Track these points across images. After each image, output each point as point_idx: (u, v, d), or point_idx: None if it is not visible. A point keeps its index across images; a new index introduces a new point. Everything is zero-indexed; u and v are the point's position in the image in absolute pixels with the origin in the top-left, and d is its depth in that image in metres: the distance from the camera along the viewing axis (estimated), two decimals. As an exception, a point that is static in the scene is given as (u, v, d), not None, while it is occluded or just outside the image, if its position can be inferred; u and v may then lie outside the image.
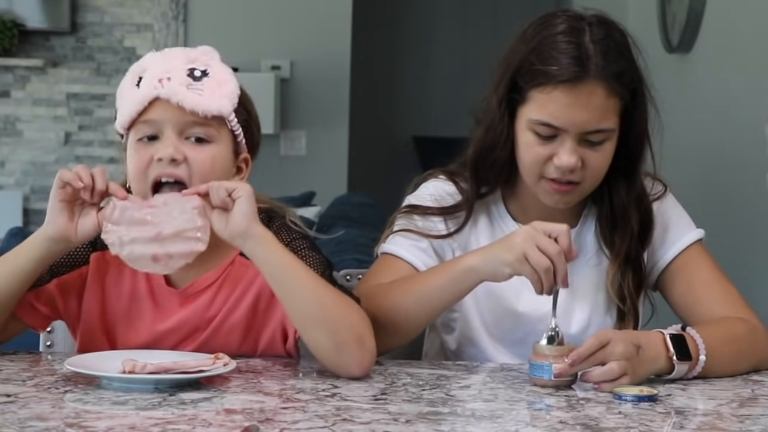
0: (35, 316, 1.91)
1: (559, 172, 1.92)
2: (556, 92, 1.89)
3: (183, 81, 1.81)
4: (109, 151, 6.30)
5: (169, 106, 1.81)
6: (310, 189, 5.42)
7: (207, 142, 1.83)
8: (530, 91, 1.92)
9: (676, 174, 3.55)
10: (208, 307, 1.88)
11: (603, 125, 1.91)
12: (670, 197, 2.10)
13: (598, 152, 1.93)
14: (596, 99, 1.89)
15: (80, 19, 6.31)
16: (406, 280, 1.94)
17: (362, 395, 1.68)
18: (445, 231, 2.02)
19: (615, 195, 2.01)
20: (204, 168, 1.82)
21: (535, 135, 1.92)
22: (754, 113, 3.64)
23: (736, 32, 3.93)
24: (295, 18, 6.01)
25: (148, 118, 1.82)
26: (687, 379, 1.83)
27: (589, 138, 1.91)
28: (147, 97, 1.81)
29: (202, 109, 1.81)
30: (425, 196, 2.05)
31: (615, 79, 1.90)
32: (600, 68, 1.88)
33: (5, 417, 1.49)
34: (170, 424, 1.49)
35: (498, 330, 2.02)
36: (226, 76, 1.85)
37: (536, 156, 1.93)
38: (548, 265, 1.77)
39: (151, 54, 1.88)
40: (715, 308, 1.98)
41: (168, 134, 1.81)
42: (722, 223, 3.87)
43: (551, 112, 1.90)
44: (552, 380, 1.75)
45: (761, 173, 3.52)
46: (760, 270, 3.51)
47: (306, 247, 1.89)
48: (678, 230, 2.06)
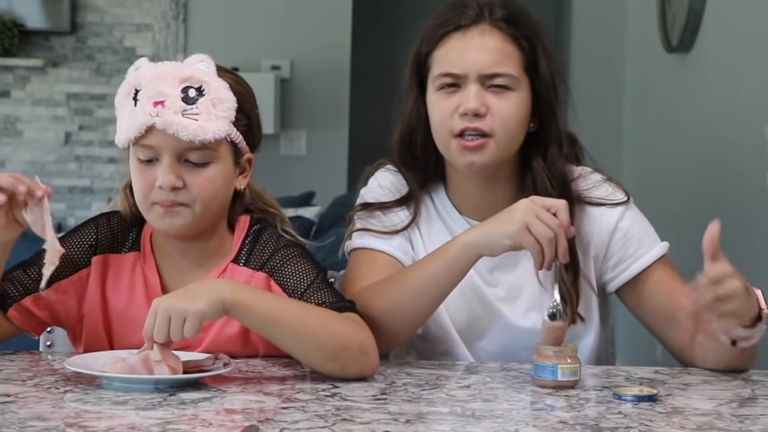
0: (31, 322, 1.92)
1: (465, 120, 1.94)
2: (452, 41, 1.97)
3: (177, 107, 1.80)
4: (109, 151, 6.30)
5: (166, 134, 1.81)
6: (310, 189, 5.42)
7: (206, 164, 1.84)
8: (432, 54, 1.99)
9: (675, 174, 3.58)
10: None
11: (501, 69, 1.95)
12: (634, 209, 2.06)
13: (502, 100, 1.95)
14: (491, 41, 1.96)
15: (80, 19, 6.31)
16: (400, 274, 1.93)
17: (362, 395, 1.68)
18: (407, 219, 2.04)
19: (538, 183, 2.00)
20: (204, 191, 1.85)
21: (440, 92, 1.97)
22: (754, 113, 3.65)
23: (735, 32, 3.93)
24: (295, 18, 6.02)
25: (145, 143, 1.83)
26: (690, 374, 1.83)
27: (491, 83, 1.94)
28: (143, 125, 1.81)
29: (198, 138, 1.81)
30: (375, 189, 2.09)
31: (507, 23, 1.97)
32: (494, 14, 1.97)
33: (5, 417, 1.49)
34: (170, 424, 1.49)
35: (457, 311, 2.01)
36: (222, 92, 1.84)
37: (443, 111, 1.96)
38: (551, 235, 1.77)
39: (146, 63, 1.87)
40: (685, 321, 1.96)
41: (166, 161, 1.82)
42: (722, 223, 3.88)
43: (450, 60, 1.97)
44: (555, 381, 1.75)
45: (761, 173, 3.52)
46: (760, 270, 3.51)
47: (296, 255, 1.90)
48: (642, 246, 2.02)
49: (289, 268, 1.88)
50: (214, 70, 1.86)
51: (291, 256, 1.89)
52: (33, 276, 1.89)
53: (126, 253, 1.94)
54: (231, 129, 1.85)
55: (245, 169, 1.93)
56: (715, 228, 1.75)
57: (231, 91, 1.85)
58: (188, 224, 1.85)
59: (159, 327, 1.67)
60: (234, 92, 1.86)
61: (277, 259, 1.89)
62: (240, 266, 1.91)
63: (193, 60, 1.86)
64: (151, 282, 1.91)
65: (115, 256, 1.93)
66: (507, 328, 2.00)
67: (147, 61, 1.88)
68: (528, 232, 1.78)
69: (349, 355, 1.75)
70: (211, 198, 1.85)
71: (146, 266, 1.92)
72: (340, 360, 1.75)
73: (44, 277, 1.79)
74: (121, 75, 1.92)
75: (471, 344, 2.02)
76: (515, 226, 1.79)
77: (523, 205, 1.81)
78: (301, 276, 1.87)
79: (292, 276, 1.87)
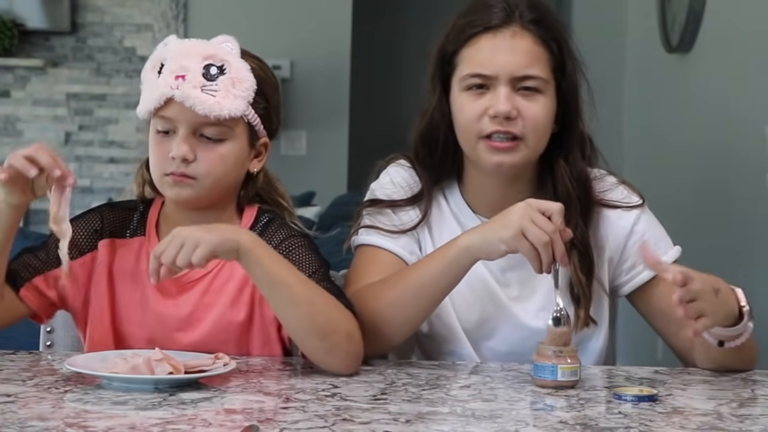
0: (42, 302, 1.94)
1: (496, 122, 1.93)
2: (481, 41, 1.95)
3: (197, 82, 1.86)
4: (109, 151, 6.30)
5: (183, 107, 1.86)
6: (310, 189, 5.42)
7: (220, 140, 1.89)
8: (459, 53, 1.97)
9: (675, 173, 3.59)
10: (203, 295, 1.92)
11: (532, 71, 1.93)
12: (649, 213, 2.07)
13: (532, 102, 1.94)
14: (523, 43, 1.94)
15: (80, 19, 6.31)
16: (398, 276, 1.93)
17: (362, 395, 1.68)
18: (416, 218, 2.03)
19: (559, 183, 2.00)
20: (214, 167, 1.89)
21: (468, 92, 1.95)
22: (754, 113, 3.65)
23: (735, 32, 3.93)
24: (295, 18, 6.02)
25: (164, 115, 1.89)
26: (687, 375, 1.83)
27: (522, 85, 1.93)
28: (163, 96, 1.87)
29: (214, 113, 1.86)
30: (387, 185, 2.06)
31: (538, 24, 1.95)
32: (525, 15, 1.95)
33: (5, 417, 1.50)
34: (170, 424, 1.49)
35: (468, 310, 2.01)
36: (243, 73, 1.90)
37: (471, 113, 1.94)
38: (547, 240, 1.77)
39: (174, 40, 1.93)
40: None
41: (182, 132, 1.88)
42: (722, 223, 3.88)
43: (479, 61, 1.94)
44: (555, 381, 1.75)
45: (761, 173, 3.52)
46: (760, 270, 3.51)
47: (301, 245, 1.92)
48: (659, 248, 2.02)
49: (294, 257, 1.90)
50: (238, 52, 1.92)
51: (297, 246, 1.92)
52: (41, 258, 1.94)
53: (130, 237, 1.97)
54: (248, 110, 1.90)
55: (261, 153, 1.97)
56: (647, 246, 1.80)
57: (252, 74, 1.91)
58: (194, 197, 1.90)
59: (170, 249, 1.73)
60: (255, 75, 1.91)
61: (283, 248, 1.91)
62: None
63: (219, 40, 1.92)
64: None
65: (120, 241, 1.97)
66: (518, 327, 2.00)
67: (176, 38, 1.94)
68: (523, 237, 1.78)
69: (337, 339, 1.79)
70: (221, 174, 1.90)
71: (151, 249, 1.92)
72: (329, 341, 1.78)
73: (64, 261, 1.82)
74: (121, 75, 1.96)
75: (480, 343, 2.02)
76: (510, 231, 1.79)
77: (519, 209, 1.80)
78: (304, 266, 1.89)
79: (296, 265, 1.89)
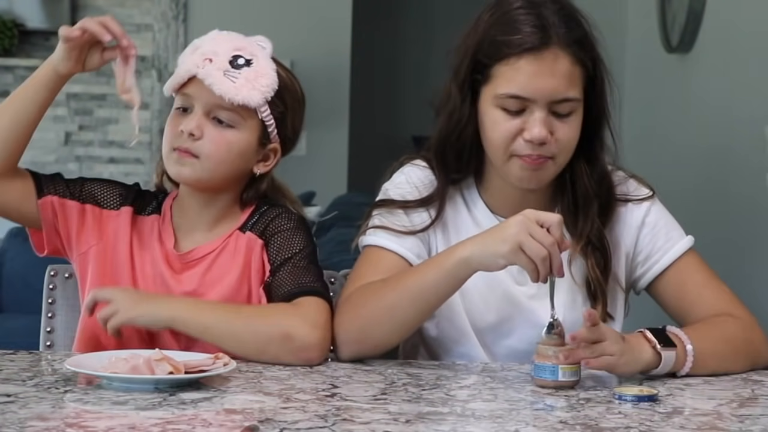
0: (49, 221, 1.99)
1: (529, 146, 1.91)
2: (521, 62, 1.89)
3: (222, 67, 1.93)
4: (109, 151, 6.30)
5: (203, 86, 1.93)
6: (310, 189, 5.42)
7: (230, 126, 1.95)
8: (494, 67, 1.92)
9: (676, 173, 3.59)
10: (206, 273, 1.98)
11: (570, 94, 1.91)
12: (659, 204, 2.08)
13: (566, 124, 1.92)
14: (562, 66, 1.90)
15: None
16: (399, 278, 1.91)
17: (362, 395, 1.68)
18: (428, 220, 2.01)
19: (578, 181, 2.00)
20: (218, 149, 1.94)
21: (503, 111, 1.92)
22: (754, 113, 3.64)
23: (735, 32, 3.93)
24: (295, 18, 6.02)
25: (185, 92, 1.97)
26: (685, 376, 1.84)
27: (557, 109, 1.91)
28: (188, 73, 1.95)
29: (229, 96, 1.92)
30: (402, 184, 2.05)
31: (578, 45, 1.91)
32: (563, 35, 1.90)
33: (5, 417, 1.49)
34: (170, 424, 1.49)
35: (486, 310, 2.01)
36: (267, 71, 1.96)
37: (505, 132, 1.92)
38: (545, 254, 1.76)
39: (215, 31, 2.01)
40: (709, 309, 1.98)
41: (196, 110, 1.95)
42: (722, 223, 3.88)
43: (518, 83, 1.89)
44: (556, 381, 1.75)
45: (761, 173, 3.52)
46: (760, 270, 3.51)
47: (290, 228, 2.00)
48: (670, 239, 2.04)
49: (279, 238, 1.98)
50: (269, 53, 1.99)
51: (286, 227, 1.99)
52: (72, 189, 2.01)
53: (148, 215, 2.04)
54: (264, 106, 1.96)
55: (268, 158, 2.02)
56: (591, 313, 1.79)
57: (276, 75, 1.97)
58: (194, 177, 1.95)
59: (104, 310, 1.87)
60: (279, 78, 1.98)
61: (273, 226, 1.99)
62: (244, 233, 2.00)
63: (257, 38, 2.00)
64: (166, 241, 2.00)
65: (139, 217, 2.03)
66: (537, 325, 1.98)
67: (218, 30, 2.02)
68: (521, 251, 1.76)
69: (276, 347, 1.85)
70: (222, 160, 1.95)
71: (163, 227, 2.02)
72: (270, 353, 1.86)
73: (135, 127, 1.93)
74: None
75: (498, 342, 2.01)
76: (508, 246, 1.77)
77: (516, 222, 1.78)
78: (286, 248, 1.97)
79: (279, 247, 1.97)
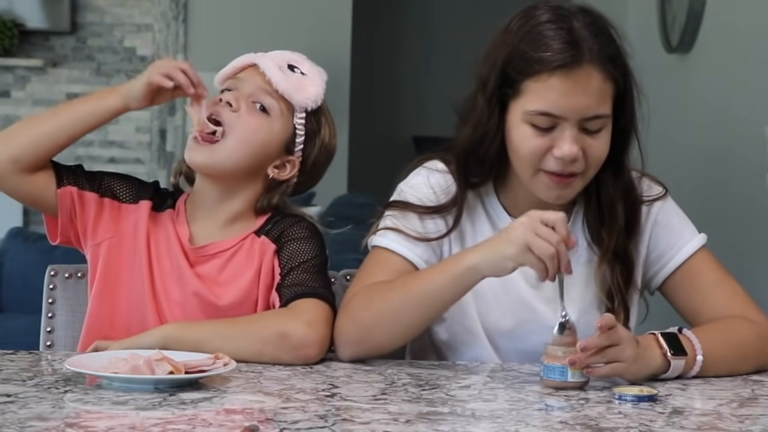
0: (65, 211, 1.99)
1: (560, 164, 1.88)
2: (552, 79, 1.86)
3: (278, 63, 2.02)
4: (109, 151, 6.30)
5: (255, 73, 2.01)
6: (310, 189, 5.41)
7: (264, 112, 2.00)
8: (524, 82, 1.88)
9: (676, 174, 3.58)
10: (221, 270, 2.00)
11: (601, 110, 1.88)
12: (671, 202, 2.07)
13: (596, 140, 1.90)
14: (594, 83, 1.87)
15: (80, 19, 6.31)
16: (405, 280, 1.90)
17: (362, 395, 1.68)
18: (444, 229, 1.99)
19: (603, 189, 1.99)
20: (246, 126, 1.99)
21: (533, 127, 1.89)
22: (754, 113, 3.65)
23: (735, 32, 3.93)
24: (295, 18, 6.01)
25: (237, 76, 2.03)
26: (687, 378, 1.83)
27: (588, 126, 1.88)
28: (247, 59, 2.04)
29: (275, 80, 1.99)
30: (420, 187, 2.01)
31: (609, 61, 1.88)
32: (594, 51, 1.87)
33: (5, 417, 1.49)
34: (170, 424, 1.49)
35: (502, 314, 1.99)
36: (317, 84, 2.04)
37: (534, 149, 1.89)
38: (553, 252, 1.75)
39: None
40: (722, 309, 1.97)
41: (241, 90, 2.01)
42: (722, 223, 3.88)
43: (550, 100, 1.86)
44: (564, 382, 1.74)
45: (761, 173, 3.52)
46: (761, 270, 3.51)
47: (303, 236, 2.01)
48: (683, 237, 2.03)
49: (292, 245, 2.00)
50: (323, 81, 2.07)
51: (300, 236, 2.01)
52: (91, 181, 2.02)
53: (163, 211, 2.05)
54: (300, 111, 2.02)
55: (285, 167, 2.04)
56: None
57: (321, 96, 2.05)
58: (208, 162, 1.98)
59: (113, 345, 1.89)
60: (322, 104, 2.05)
61: (288, 233, 2.01)
62: (259, 237, 2.01)
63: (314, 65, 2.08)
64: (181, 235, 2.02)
65: (156, 213, 2.05)
66: (553, 328, 1.99)
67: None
68: (529, 251, 1.75)
69: (273, 347, 1.86)
70: (245, 139, 1.98)
71: (178, 222, 2.04)
72: (267, 354, 1.87)
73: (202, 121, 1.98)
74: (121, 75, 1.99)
75: (513, 346, 2.00)
76: (515, 247, 1.77)
77: (522, 223, 1.78)
78: (298, 255, 1.98)
79: (291, 254, 1.99)
